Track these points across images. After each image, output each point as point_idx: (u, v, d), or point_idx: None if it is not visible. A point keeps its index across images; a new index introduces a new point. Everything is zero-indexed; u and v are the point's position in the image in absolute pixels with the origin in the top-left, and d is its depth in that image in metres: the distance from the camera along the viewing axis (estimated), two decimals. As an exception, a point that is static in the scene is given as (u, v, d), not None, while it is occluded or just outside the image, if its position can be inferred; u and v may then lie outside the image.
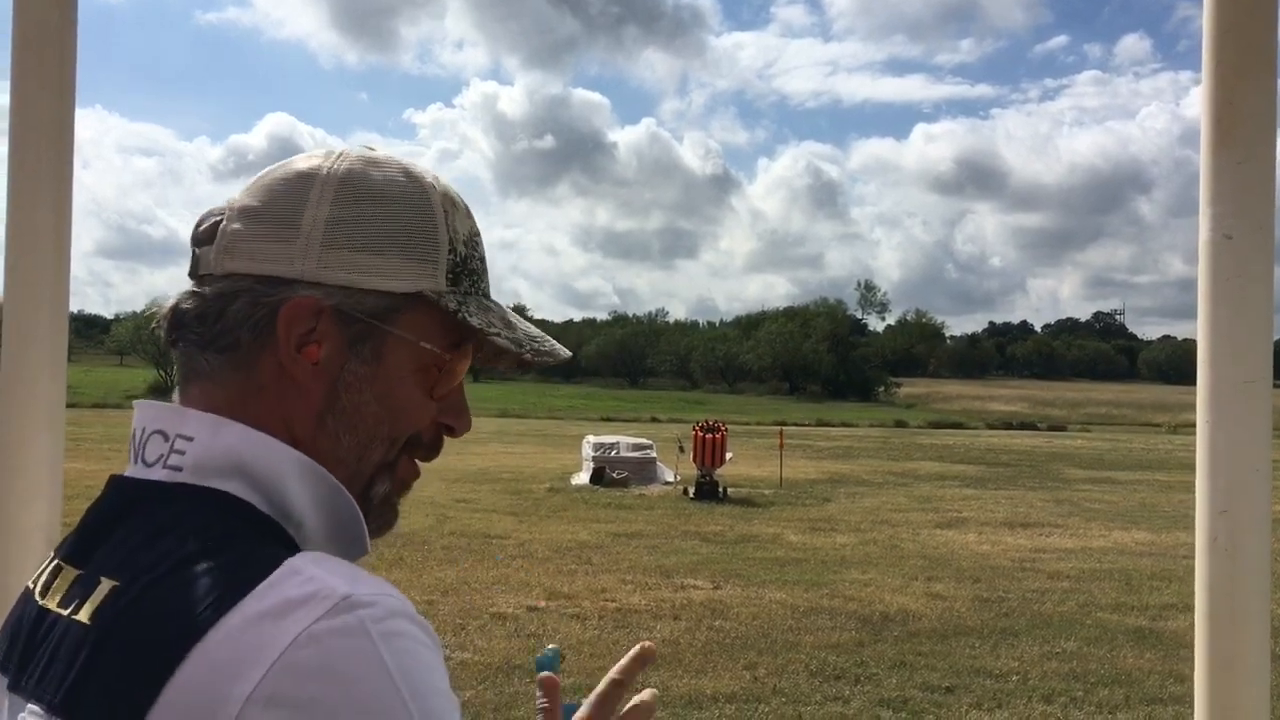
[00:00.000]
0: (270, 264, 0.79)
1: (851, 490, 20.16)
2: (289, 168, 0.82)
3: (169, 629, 0.66)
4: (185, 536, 0.72)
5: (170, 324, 0.82)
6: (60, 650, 0.71)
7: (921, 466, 27.10)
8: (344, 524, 0.80)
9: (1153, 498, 20.32)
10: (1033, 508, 18.00)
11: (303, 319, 0.79)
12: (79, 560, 0.76)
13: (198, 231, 0.83)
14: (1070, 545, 13.77)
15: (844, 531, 14.47)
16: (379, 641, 0.65)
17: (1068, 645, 8.37)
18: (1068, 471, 26.78)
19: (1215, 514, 1.18)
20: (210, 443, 0.76)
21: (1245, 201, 1.16)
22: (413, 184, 0.83)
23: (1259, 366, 1.16)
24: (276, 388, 0.80)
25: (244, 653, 0.63)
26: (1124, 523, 16.20)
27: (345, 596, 0.65)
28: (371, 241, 0.80)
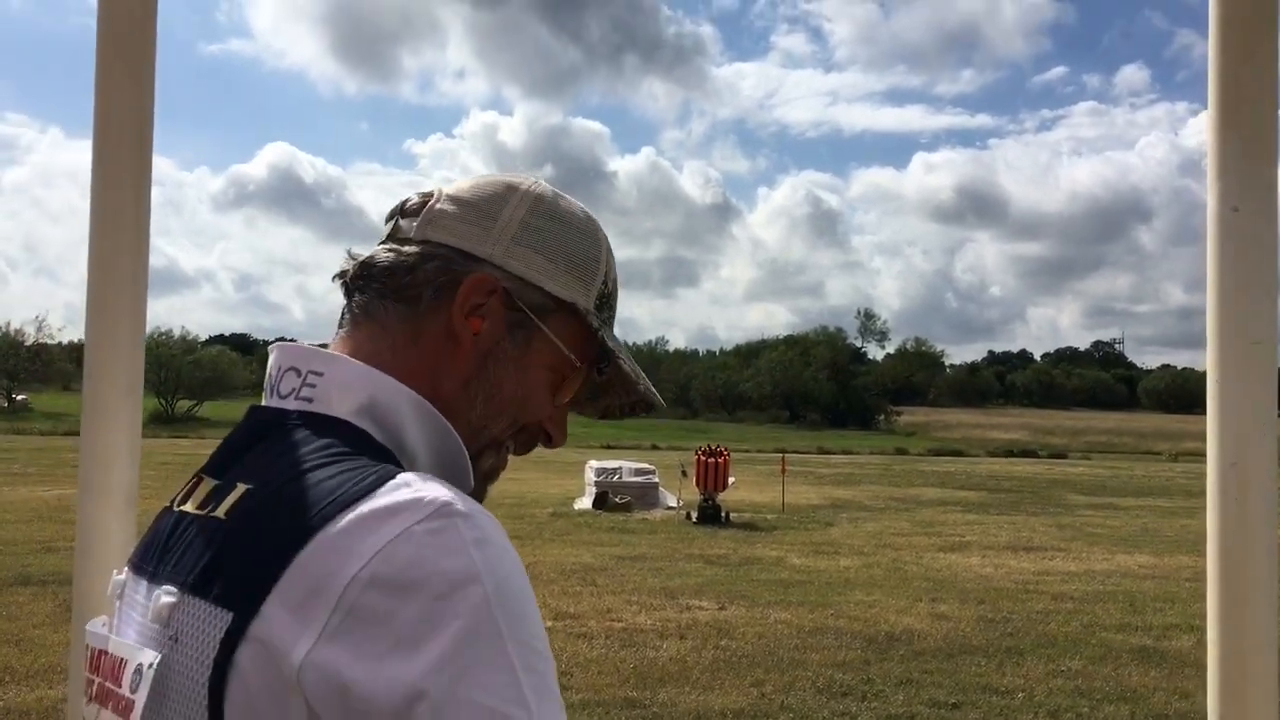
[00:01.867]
0: (466, 241, 0.92)
1: (854, 515, 20.17)
2: (498, 177, 0.97)
3: (295, 519, 0.76)
4: (311, 451, 0.83)
5: (357, 272, 0.94)
6: (195, 541, 0.83)
7: (923, 492, 27.09)
8: (452, 465, 0.90)
9: (1155, 523, 20.34)
10: (1035, 532, 18.01)
11: (480, 292, 0.91)
12: (217, 473, 0.88)
13: (406, 206, 0.96)
14: (1073, 568, 13.78)
15: (847, 554, 14.49)
16: (470, 545, 0.73)
17: (1073, 664, 8.39)
18: (1069, 497, 26.78)
19: (1226, 466, 1.26)
20: (338, 378, 0.88)
21: (1250, 176, 1.24)
22: (590, 221, 0.99)
23: (1264, 328, 1.24)
24: (435, 345, 0.91)
25: (354, 543, 0.73)
26: (1127, 547, 16.22)
27: (446, 503, 0.75)
28: (550, 250, 0.95)
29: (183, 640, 0.78)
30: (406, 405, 0.88)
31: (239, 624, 0.73)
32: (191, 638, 0.77)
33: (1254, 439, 1.25)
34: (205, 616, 0.76)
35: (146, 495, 1.70)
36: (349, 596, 0.71)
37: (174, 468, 26.91)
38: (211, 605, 0.76)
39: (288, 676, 0.71)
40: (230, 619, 0.74)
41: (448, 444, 0.90)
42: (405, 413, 0.88)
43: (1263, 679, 1.27)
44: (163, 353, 67.46)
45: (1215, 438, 1.28)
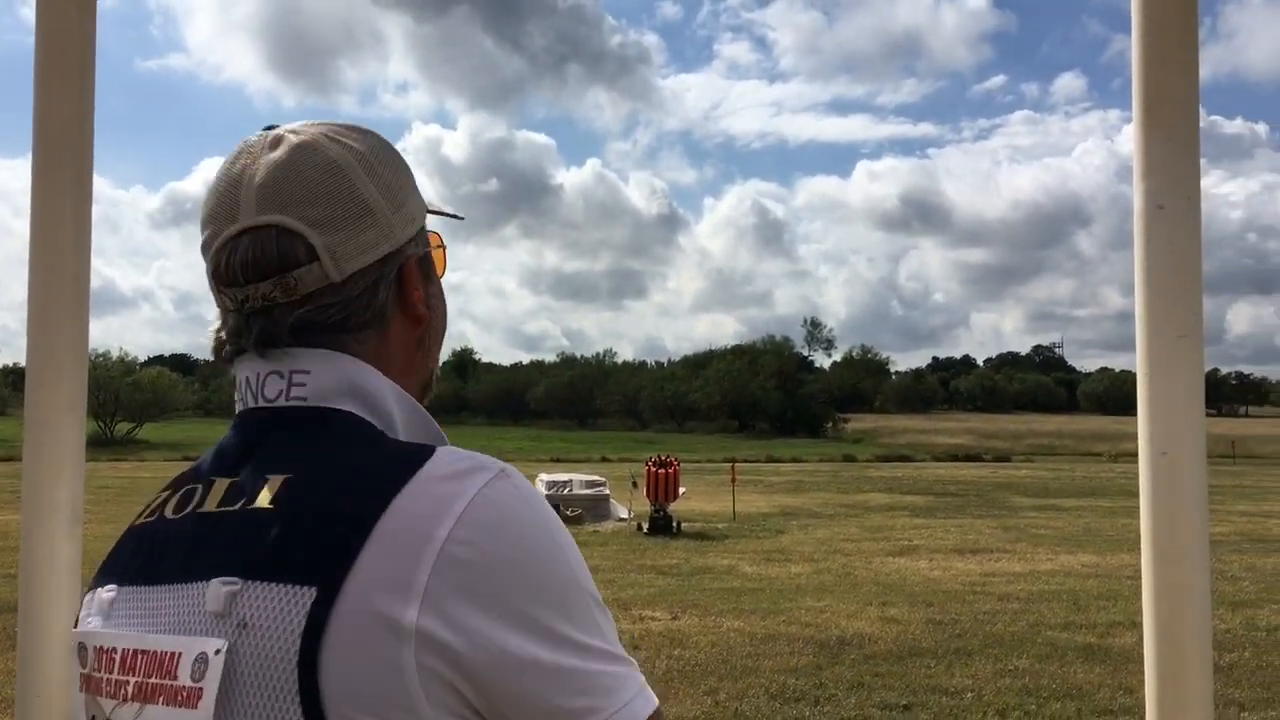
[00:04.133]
0: (379, 248, 0.93)
1: (804, 522, 20.30)
2: (308, 169, 0.91)
3: (363, 490, 0.80)
4: (338, 435, 0.87)
5: (294, 328, 0.91)
6: (238, 534, 0.83)
7: (871, 498, 27.35)
8: (421, 431, 0.94)
9: (1097, 523, 20.71)
10: (981, 534, 18.25)
11: (415, 276, 0.97)
12: (227, 472, 0.89)
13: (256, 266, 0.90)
14: (1019, 569, 13.99)
15: (798, 561, 14.57)
16: (537, 501, 0.83)
17: (1020, 663, 8.52)
18: (1013, 500, 27.19)
19: (1156, 456, 1.30)
20: (326, 372, 0.90)
21: (1174, 174, 1.28)
22: (377, 137, 0.98)
23: (1191, 322, 1.28)
24: (401, 335, 0.96)
25: (436, 504, 0.78)
26: (1070, 547, 16.49)
27: (502, 469, 0.82)
28: (403, 191, 0.97)
29: (253, 625, 0.78)
30: (386, 388, 0.92)
31: (325, 596, 0.75)
32: (266, 620, 0.78)
33: (1183, 429, 1.29)
34: (281, 597, 0.77)
35: (88, 519, 1.68)
36: (446, 555, 0.76)
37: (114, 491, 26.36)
38: (287, 586, 0.77)
39: (395, 642, 0.74)
40: (314, 594, 0.76)
41: (417, 418, 0.94)
42: (387, 395, 0.92)
43: (1198, 665, 1.31)
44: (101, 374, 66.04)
45: (1146, 429, 1.31)
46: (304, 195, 0.90)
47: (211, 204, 0.95)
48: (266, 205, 0.90)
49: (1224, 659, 8.42)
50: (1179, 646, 1.31)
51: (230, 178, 0.94)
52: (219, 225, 0.93)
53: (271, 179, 0.91)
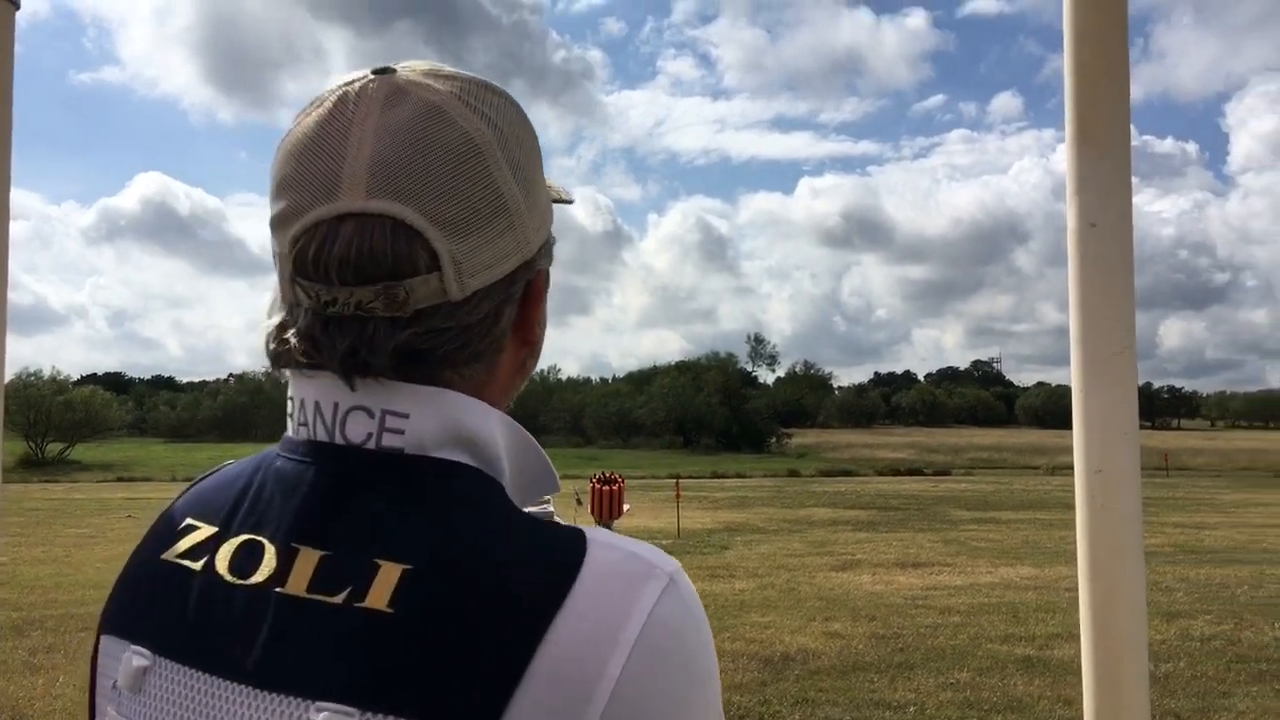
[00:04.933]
0: (510, 260, 0.73)
1: (748, 538, 20.35)
2: (441, 147, 0.70)
3: (518, 605, 0.63)
4: (460, 506, 0.68)
5: (397, 354, 0.70)
6: (347, 642, 0.63)
7: (815, 513, 27.51)
8: (536, 477, 0.78)
9: (1035, 535, 21.03)
10: (922, 548, 18.43)
11: (540, 296, 0.79)
12: (315, 540, 0.68)
13: (359, 266, 0.69)
14: (959, 582, 14.13)
15: (742, 577, 14.60)
16: (701, 621, 0.68)
17: (961, 676, 8.59)
18: (954, 513, 27.52)
19: (1091, 473, 1.30)
20: (429, 415, 0.71)
21: (1106, 192, 1.30)
22: (511, 101, 0.77)
23: (1124, 338, 1.29)
24: (508, 361, 0.78)
25: (605, 631, 0.63)
26: (1009, 559, 16.71)
27: (671, 577, 0.67)
28: (538, 182, 0.77)
29: None
30: (496, 425, 0.74)
31: None
32: None
33: (1118, 446, 1.30)
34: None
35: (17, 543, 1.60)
36: (619, 697, 0.61)
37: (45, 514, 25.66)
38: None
39: None
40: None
41: (530, 456, 0.77)
42: (497, 432, 0.73)
43: (1135, 676, 1.31)
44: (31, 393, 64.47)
45: (1081, 445, 1.32)
46: (434, 183, 0.69)
47: (297, 166, 0.71)
48: (381, 187, 0.68)
49: (1160, 669, 8.56)
50: (1115, 658, 1.32)
51: (329, 135, 0.70)
52: (307, 197, 0.70)
53: (391, 152, 0.69)
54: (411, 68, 0.74)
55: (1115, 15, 1.26)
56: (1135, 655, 1.33)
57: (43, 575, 14.25)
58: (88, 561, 15.74)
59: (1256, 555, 16.98)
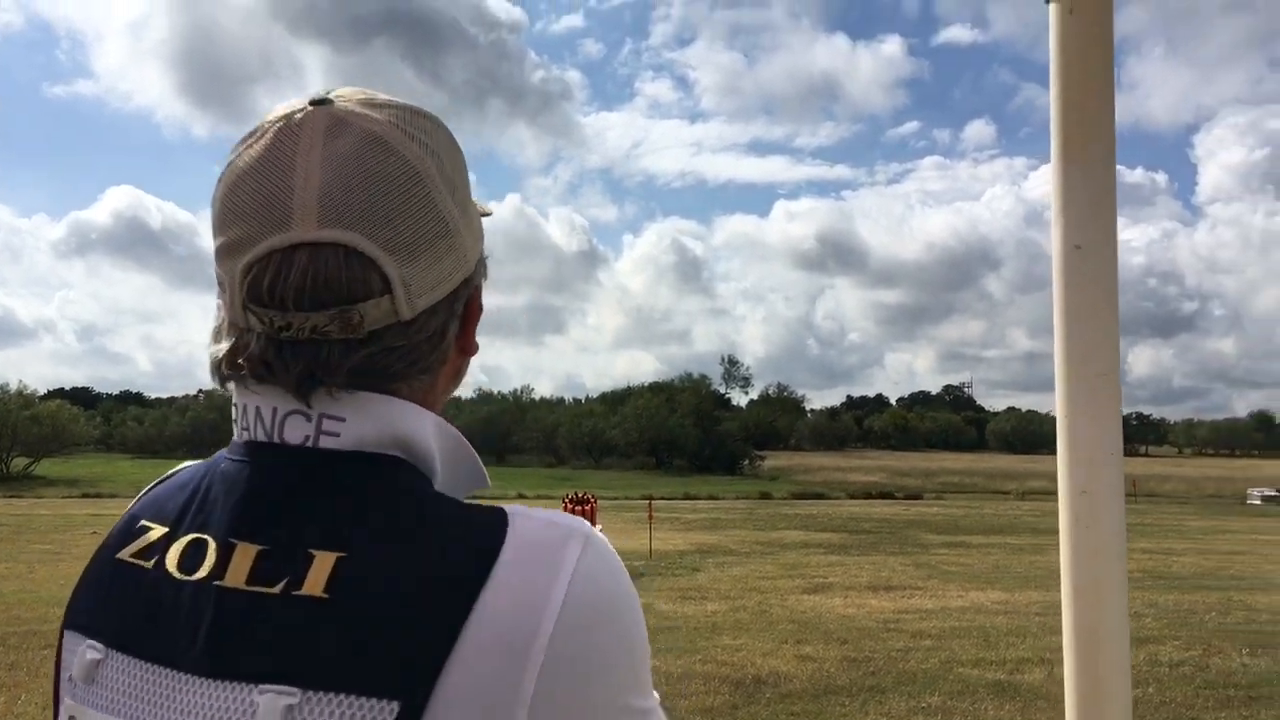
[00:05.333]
0: (454, 278, 0.77)
1: (720, 560, 20.32)
2: (386, 174, 0.73)
3: (445, 578, 0.67)
4: (391, 498, 0.72)
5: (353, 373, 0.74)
6: (287, 628, 0.67)
7: (787, 535, 27.51)
8: (463, 469, 0.81)
9: (1005, 559, 21.12)
10: (894, 572, 18.46)
11: (478, 309, 0.83)
12: (254, 535, 0.72)
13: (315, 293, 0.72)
14: (931, 606, 14.15)
15: (714, 599, 14.55)
16: (620, 570, 0.73)
17: (933, 700, 8.58)
18: (925, 537, 27.60)
19: (1076, 494, 1.30)
20: (364, 419, 0.74)
21: (1091, 215, 1.30)
22: (440, 124, 0.80)
23: (1108, 360, 1.29)
24: (448, 372, 0.82)
25: (533, 596, 0.67)
26: (980, 584, 16.76)
27: (587, 535, 0.72)
28: (469, 199, 0.81)
29: None
30: (429, 425, 0.77)
31: (410, 713, 0.64)
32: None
33: (1102, 467, 1.30)
34: (355, 712, 0.64)
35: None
36: (553, 657, 0.66)
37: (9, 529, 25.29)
38: (361, 699, 0.64)
39: None
40: (396, 710, 0.64)
41: (461, 454, 0.80)
42: (430, 432, 0.77)
43: (1117, 698, 1.31)
44: (-4, 407, 63.63)
45: (1065, 466, 1.32)
46: (381, 211, 0.72)
47: (244, 197, 0.73)
48: (332, 216, 0.71)
49: (1128, 693, 8.59)
50: (1099, 682, 1.32)
51: (275, 167, 0.73)
52: (258, 228, 0.72)
53: (339, 182, 0.72)
54: (346, 97, 0.76)
55: (1101, 39, 1.28)
56: (1118, 674, 1.33)
57: (5, 592, 14.01)
58: (51, 578, 15.50)
59: (1224, 581, 17.12)
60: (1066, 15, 1.29)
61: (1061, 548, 1.33)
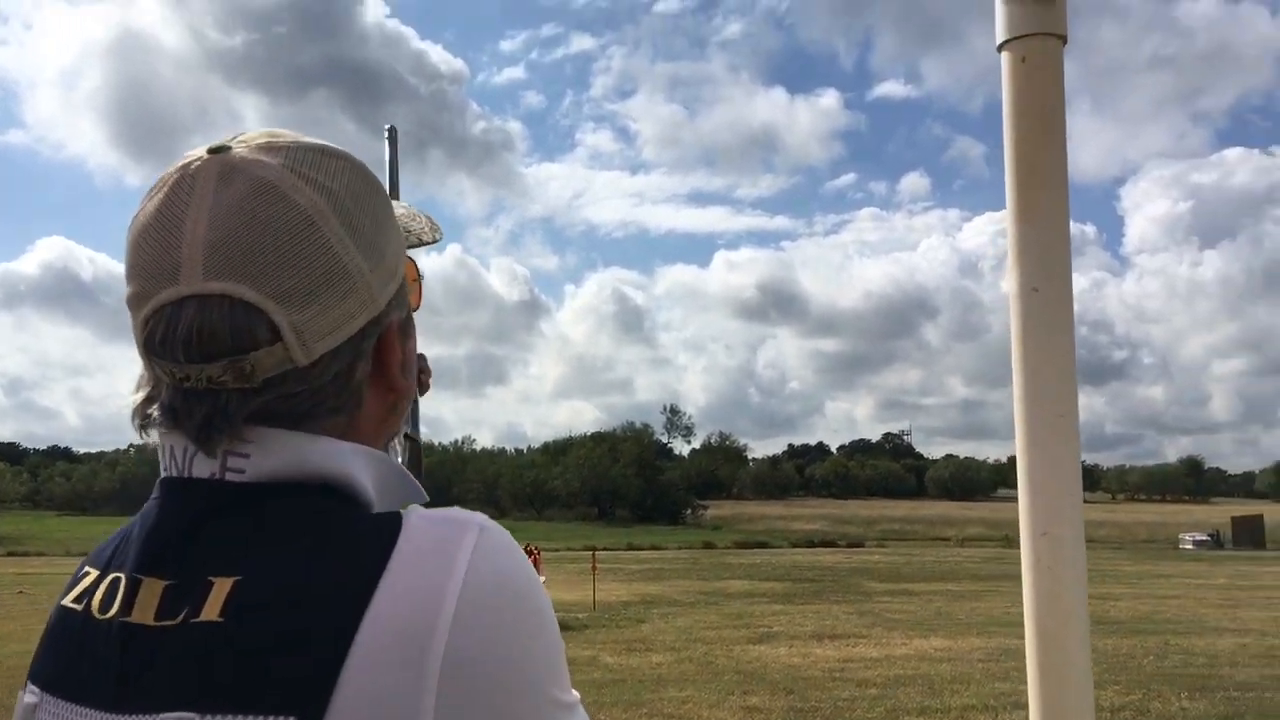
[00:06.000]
0: (356, 320, 0.76)
1: (664, 611, 20.20)
2: (273, 223, 0.73)
3: (337, 590, 0.67)
4: (292, 521, 0.72)
5: (250, 420, 0.74)
6: (185, 656, 0.68)
7: (731, 585, 27.45)
8: (397, 490, 0.81)
9: (948, 606, 21.25)
10: (838, 620, 18.48)
11: (396, 341, 0.81)
12: (160, 570, 0.73)
13: (203, 345, 0.72)
14: (875, 654, 14.16)
15: (659, 651, 14.43)
16: (521, 559, 0.73)
17: (880, 749, 8.56)
18: (868, 585, 27.71)
19: (1038, 536, 1.31)
20: (270, 453, 0.74)
21: (1046, 258, 1.32)
22: (352, 163, 0.80)
23: (1066, 401, 1.31)
24: (372, 408, 0.81)
25: (426, 598, 0.67)
26: (923, 631, 16.82)
27: (481, 525, 0.72)
28: (384, 237, 0.80)
29: None
30: (352, 457, 0.77)
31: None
32: None
33: (1062, 508, 1.31)
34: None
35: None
36: (452, 657, 0.66)
37: (-75, 588, 24.32)
38: (258, 719, 0.65)
39: None
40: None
41: (392, 477, 0.80)
42: (350, 461, 0.76)
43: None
44: (-83, 462, 61.56)
45: (1027, 509, 1.33)
46: (267, 259, 0.72)
47: (141, 252, 0.75)
48: (218, 268, 0.71)
49: (1072, 739, 8.64)
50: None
51: (167, 219, 0.74)
52: (151, 283, 0.74)
53: (225, 233, 0.72)
54: (247, 141, 0.77)
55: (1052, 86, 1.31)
56: (1083, 715, 1.33)
57: (-78, 654, 13.47)
58: (-28, 639, 14.94)
59: (1160, 625, 17.38)
60: (1018, 63, 1.32)
61: (1024, 590, 1.33)
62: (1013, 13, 1.32)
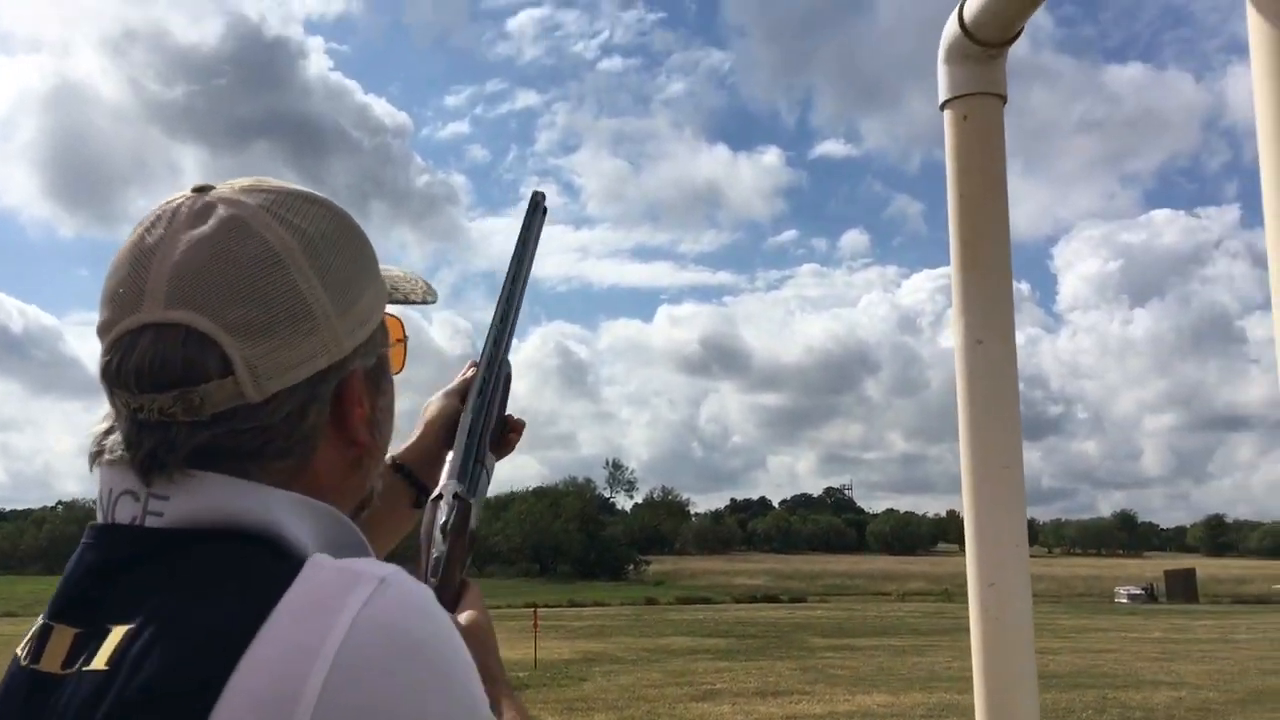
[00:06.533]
0: (315, 362, 0.75)
1: (607, 669, 19.95)
2: (238, 257, 0.73)
3: (211, 645, 0.64)
4: (202, 571, 0.70)
5: (195, 454, 0.73)
6: (71, 705, 0.67)
7: (674, 642, 27.22)
8: (344, 545, 0.77)
9: (889, 662, 21.26)
10: (781, 676, 18.39)
11: (358, 393, 0.79)
12: (73, 619, 0.72)
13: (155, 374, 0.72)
14: (819, 710, 14.10)
15: (602, 710, 14.24)
16: (427, 621, 0.68)
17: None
18: (811, 640, 27.67)
19: (985, 587, 1.31)
20: (189, 498, 0.73)
21: (990, 312, 1.35)
22: (332, 210, 0.81)
23: (1011, 453, 1.32)
24: (328, 459, 0.79)
25: (302, 650, 0.63)
26: (865, 686, 16.80)
27: (383, 579, 0.67)
28: (358, 286, 0.79)
29: None
30: (278, 503, 0.74)
31: None
32: None
33: (1008, 559, 1.32)
34: None
35: None
36: (328, 701, 0.62)
37: None
38: None
39: None
40: None
41: (333, 530, 0.77)
42: (277, 510, 0.74)
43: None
44: None
45: (974, 559, 1.34)
46: (227, 291, 0.72)
47: (114, 280, 0.75)
48: (178, 298, 0.72)
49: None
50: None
51: (140, 251, 0.75)
52: (117, 312, 0.74)
53: (190, 264, 0.73)
54: (231, 184, 0.78)
55: (993, 143, 1.34)
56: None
57: None
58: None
59: (1098, 679, 17.54)
60: (961, 121, 1.36)
61: (972, 639, 1.33)
62: (954, 73, 1.36)
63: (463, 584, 1.00)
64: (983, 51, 1.31)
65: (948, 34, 1.35)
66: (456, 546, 0.99)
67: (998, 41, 1.30)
